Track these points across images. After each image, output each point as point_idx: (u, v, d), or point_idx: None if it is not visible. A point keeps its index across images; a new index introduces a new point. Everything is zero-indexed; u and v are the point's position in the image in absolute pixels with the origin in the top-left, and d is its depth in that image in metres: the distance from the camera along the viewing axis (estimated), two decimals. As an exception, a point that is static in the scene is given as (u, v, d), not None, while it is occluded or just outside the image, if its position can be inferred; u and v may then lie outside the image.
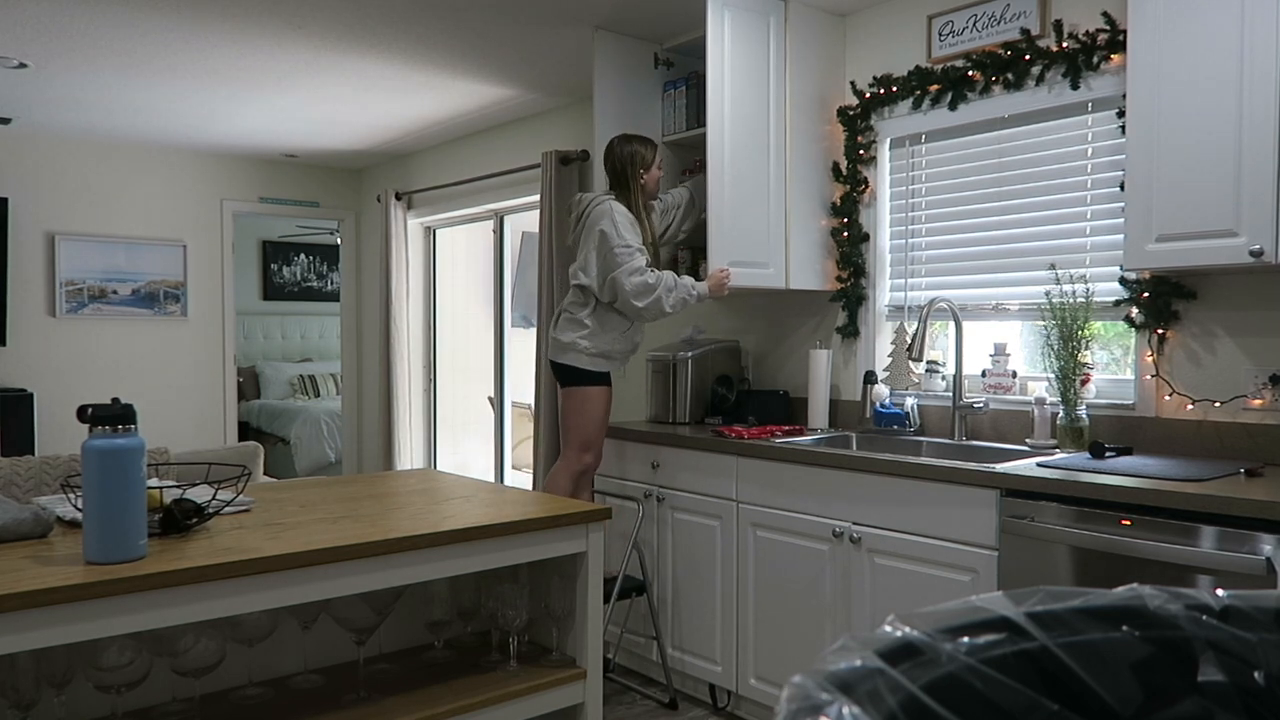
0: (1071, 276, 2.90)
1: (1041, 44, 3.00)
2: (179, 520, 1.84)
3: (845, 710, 0.50)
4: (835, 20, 3.60)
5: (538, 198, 5.02)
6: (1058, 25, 2.94)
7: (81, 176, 6.21)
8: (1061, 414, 2.85)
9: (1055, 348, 2.86)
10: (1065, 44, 2.92)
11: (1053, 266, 2.97)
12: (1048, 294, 2.92)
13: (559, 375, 3.51)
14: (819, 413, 3.51)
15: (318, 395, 9.10)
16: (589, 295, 3.41)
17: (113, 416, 1.65)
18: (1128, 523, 2.19)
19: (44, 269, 6.10)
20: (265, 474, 6.65)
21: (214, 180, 6.69)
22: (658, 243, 3.56)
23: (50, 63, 4.39)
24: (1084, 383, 2.86)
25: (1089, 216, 2.97)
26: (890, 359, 3.49)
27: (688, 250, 3.87)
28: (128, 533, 1.64)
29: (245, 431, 8.24)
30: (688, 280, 3.38)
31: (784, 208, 3.49)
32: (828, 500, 2.87)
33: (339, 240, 7.39)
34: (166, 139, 6.16)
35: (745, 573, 3.14)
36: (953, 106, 3.25)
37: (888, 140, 3.51)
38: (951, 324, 3.22)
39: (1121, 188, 2.67)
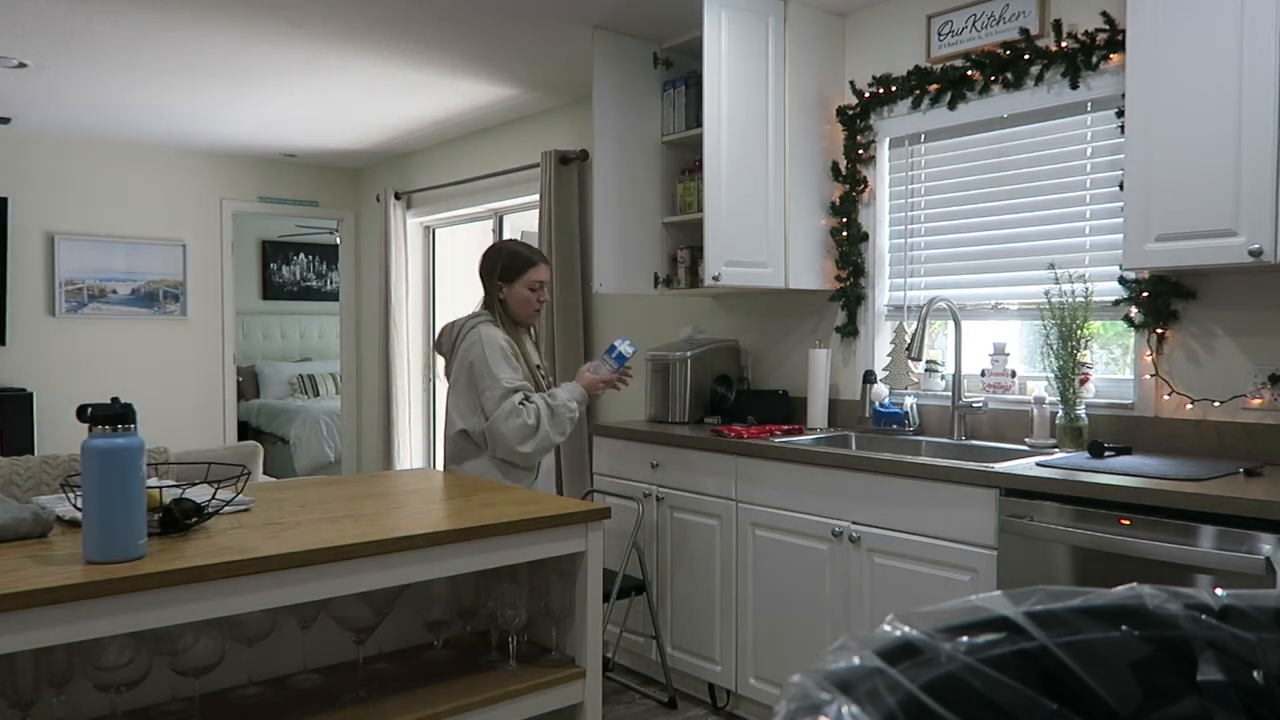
0: (1070, 276, 2.90)
1: (1041, 44, 3.00)
2: (179, 520, 1.84)
3: (845, 710, 0.50)
4: (834, 20, 3.60)
5: (537, 197, 5.02)
6: (1057, 25, 2.94)
7: (81, 176, 6.20)
8: (1061, 413, 2.85)
9: (1054, 347, 2.86)
10: (1064, 44, 2.92)
11: (1052, 266, 2.96)
12: (1047, 293, 2.92)
13: None
14: (818, 412, 3.51)
15: (317, 395, 9.10)
16: (471, 442, 2.95)
17: (112, 416, 1.64)
18: (1127, 522, 2.19)
19: (43, 269, 6.10)
20: (265, 474, 6.63)
21: (213, 180, 6.69)
22: (541, 368, 3.12)
23: (50, 63, 4.38)
24: (1083, 382, 2.86)
25: (1088, 216, 2.97)
26: (889, 358, 3.49)
27: (686, 250, 3.87)
28: (127, 532, 1.64)
29: (245, 431, 8.23)
30: (560, 394, 2.94)
31: (783, 207, 3.49)
32: (827, 500, 2.87)
33: (338, 240, 7.39)
34: (166, 139, 6.16)
35: (745, 572, 3.14)
36: (952, 106, 3.25)
37: (887, 140, 3.51)
38: (951, 323, 3.22)
39: (1121, 187, 2.67)
